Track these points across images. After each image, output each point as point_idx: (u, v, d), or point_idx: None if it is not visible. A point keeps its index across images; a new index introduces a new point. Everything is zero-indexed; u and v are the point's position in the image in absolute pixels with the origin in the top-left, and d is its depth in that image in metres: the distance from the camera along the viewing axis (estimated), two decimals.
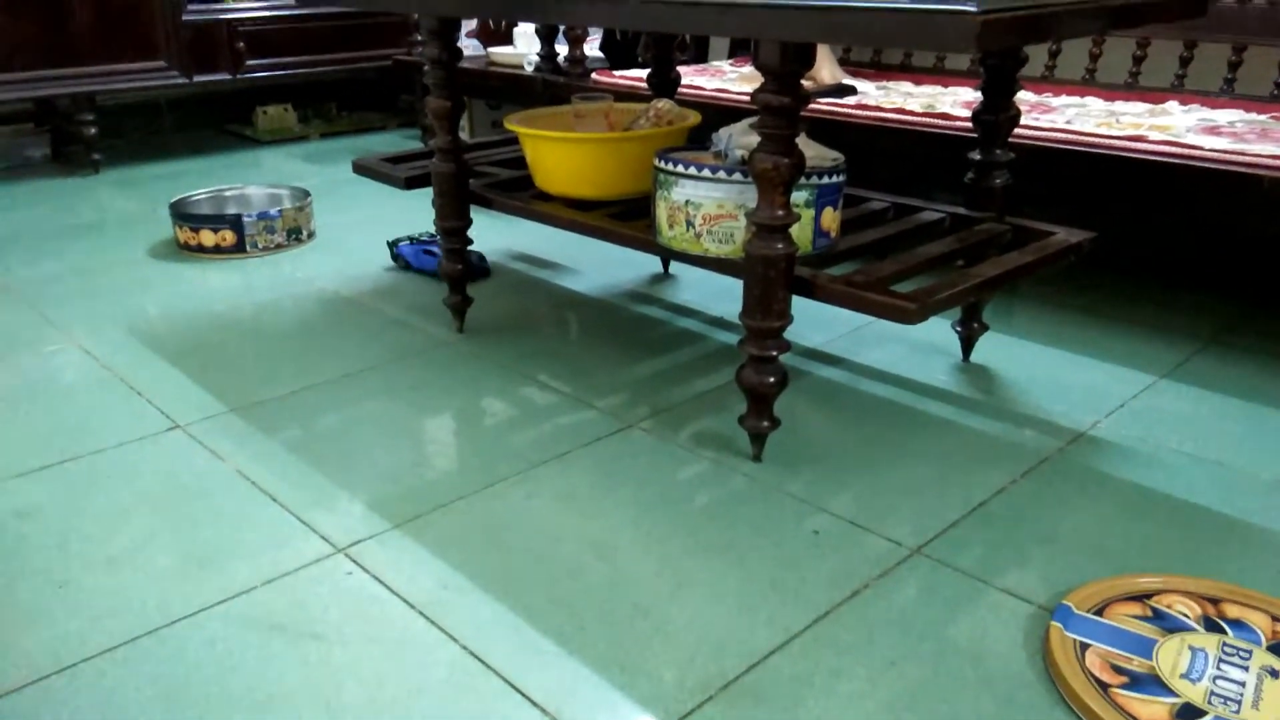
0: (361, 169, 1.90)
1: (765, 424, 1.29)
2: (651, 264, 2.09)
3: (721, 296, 1.91)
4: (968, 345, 1.61)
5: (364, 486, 1.26)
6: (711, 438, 1.37)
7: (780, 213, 1.19)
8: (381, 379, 1.58)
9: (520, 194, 1.66)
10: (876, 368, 1.59)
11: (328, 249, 2.27)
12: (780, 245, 1.20)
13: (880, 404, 1.47)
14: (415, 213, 2.51)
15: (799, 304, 1.25)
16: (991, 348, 1.64)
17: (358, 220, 2.50)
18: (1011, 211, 1.48)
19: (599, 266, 2.09)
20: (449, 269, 1.71)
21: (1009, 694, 0.90)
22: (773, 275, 1.20)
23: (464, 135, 2.48)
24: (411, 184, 1.78)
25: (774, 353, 1.25)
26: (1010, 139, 1.46)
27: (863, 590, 1.04)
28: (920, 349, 1.65)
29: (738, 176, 1.28)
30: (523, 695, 0.90)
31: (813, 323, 1.75)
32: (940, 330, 1.69)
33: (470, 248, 1.72)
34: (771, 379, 1.26)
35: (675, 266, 2.07)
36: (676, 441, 1.36)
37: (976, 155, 1.46)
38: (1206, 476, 1.26)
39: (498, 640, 0.97)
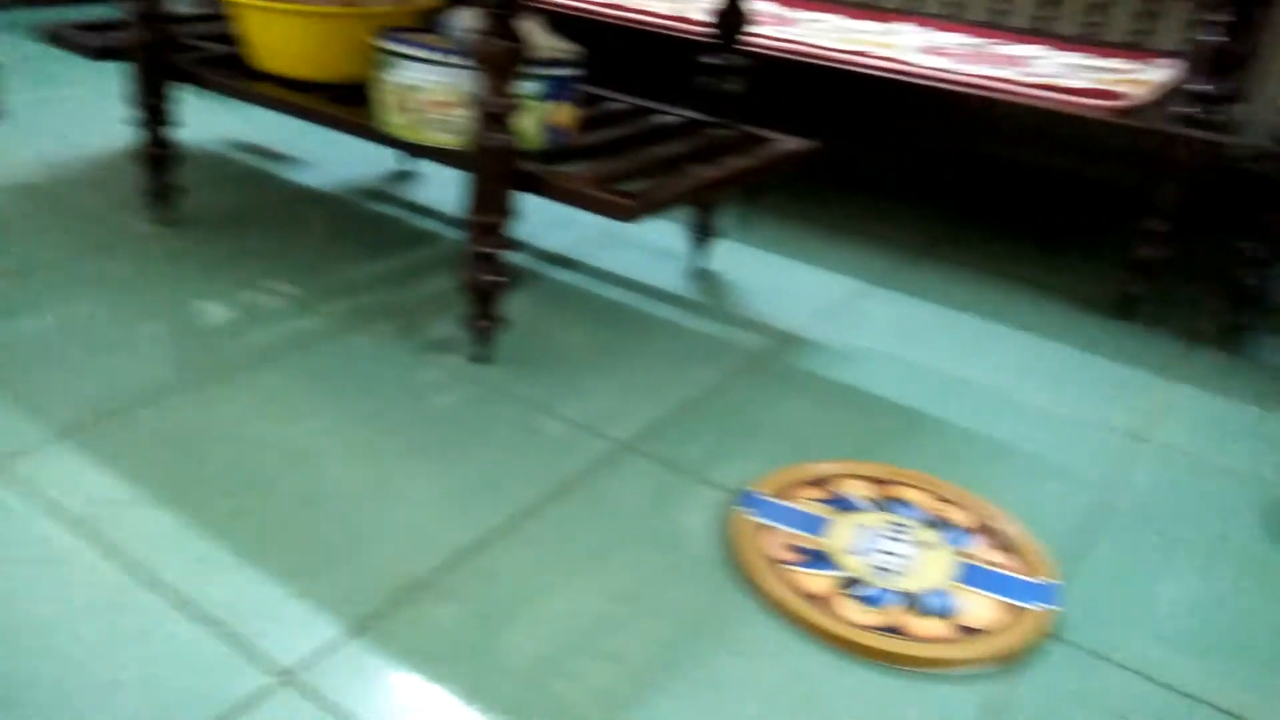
0: (50, 37, 1.65)
1: (488, 323, 1.26)
2: (392, 159, 1.98)
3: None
4: (700, 251, 1.65)
5: (26, 393, 1.12)
6: (440, 341, 1.32)
7: (502, 100, 1.13)
8: (68, 275, 1.40)
9: (232, 71, 1.50)
10: (613, 272, 1.59)
11: (20, 130, 1.97)
12: (502, 136, 1.15)
13: (613, 307, 1.48)
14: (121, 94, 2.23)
15: (542, 205, 1.21)
16: (724, 254, 1.69)
17: (55, 99, 2.19)
18: (750, 122, 1.51)
19: (335, 160, 1.95)
20: (148, 152, 1.53)
21: (696, 577, 0.93)
22: (494, 167, 1.16)
23: (186, 7, 2.20)
24: (104, 55, 1.57)
25: (496, 249, 1.21)
26: (745, 49, 1.47)
27: (573, 487, 1.05)
28: (657, 254, 1.67)
29: (465, 61, 1.21)
30: (197, 609, 0.84)
31: (555, 225, 1.72)
32: (678, 236, 1.71)
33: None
34: (494, 276, 1.22)
35: (420, 162, 1.97)
36: (403, 345, 1.31)
37: (710, 59, 1.47)
38: (897, 372, 1.36)
39: (172, 555, 0.90)
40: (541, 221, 1.72)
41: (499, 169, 1.16)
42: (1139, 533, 1.06)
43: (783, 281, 1.62)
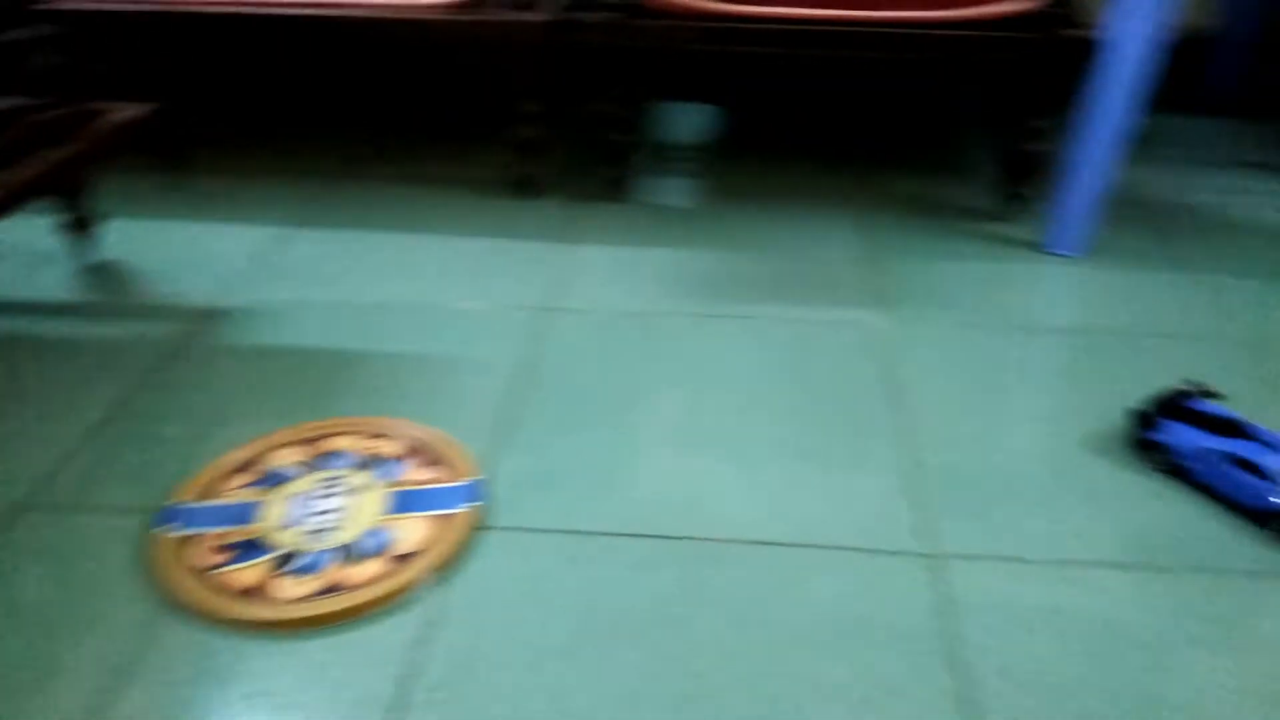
0: None
1: None
2: None
3: None
4: (86, 245, 1.47)
5: None
6: None
7: None
8: None
9: None
10: None
11: None
12: None
13: None
14: None
15: None
16: (119, 239, 1.52)
17: None
18: (89, 95, 1.33)
19: None
20: None
21: (128, 626, 0.88)
22: None
23: None
24: None
25: None
26: (44, 7, 1.28)
27: None
28: (36, 260, 1.46)
29: None
30: None
31: None
32: (57, 233, 1.51)
33: None
34: None
35: None
36: None
37: (9, 34, 1.27)
38: (322, 317, 1.35)
39: None
40: None
41: None
42: (556, 400, 1.18)
43: (193, 251, 1.51)
